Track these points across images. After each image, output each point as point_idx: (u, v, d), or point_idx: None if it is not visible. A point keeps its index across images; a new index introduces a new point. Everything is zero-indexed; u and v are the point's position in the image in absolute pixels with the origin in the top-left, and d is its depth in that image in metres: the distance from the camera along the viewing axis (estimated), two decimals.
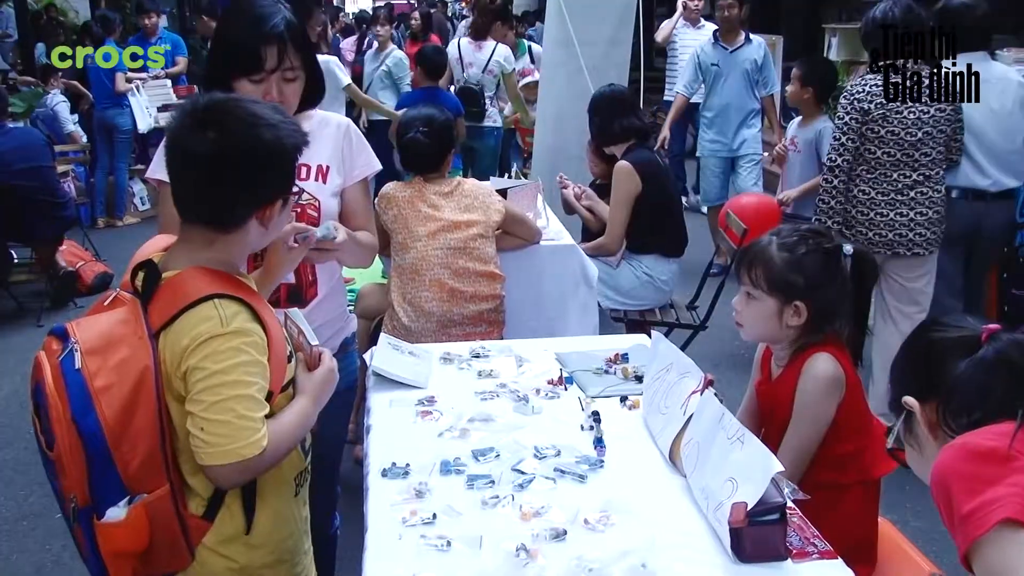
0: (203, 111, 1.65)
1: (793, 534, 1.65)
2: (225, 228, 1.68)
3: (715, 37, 6.40)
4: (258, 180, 1.67)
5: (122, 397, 1.59)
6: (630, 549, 1.59)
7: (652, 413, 2.09)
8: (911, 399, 1.43)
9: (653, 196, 4.08)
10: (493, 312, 3.32)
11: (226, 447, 1.57)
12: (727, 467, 1.66)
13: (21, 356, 5.34)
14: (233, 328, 1.60)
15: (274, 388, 1.68)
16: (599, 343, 2.75)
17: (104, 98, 8.09)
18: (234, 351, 1.59)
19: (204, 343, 1.58)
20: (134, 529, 1.61)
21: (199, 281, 1.63)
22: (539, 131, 6.06)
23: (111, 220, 8.30)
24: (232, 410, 1.58)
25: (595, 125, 4.36)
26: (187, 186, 1.68)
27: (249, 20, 2.17)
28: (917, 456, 1.47)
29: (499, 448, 1.98)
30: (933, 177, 3.70)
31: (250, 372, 1.61)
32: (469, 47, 6.79)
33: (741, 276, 2.09)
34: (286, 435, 1.69)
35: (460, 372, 2.47)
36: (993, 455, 1.22)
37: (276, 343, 1.68)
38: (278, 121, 1.68)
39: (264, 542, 1.75)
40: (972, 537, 1.19)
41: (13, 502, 3.71)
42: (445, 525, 1.70)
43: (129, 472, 1.60)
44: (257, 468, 1.63)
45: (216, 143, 1.62)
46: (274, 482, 1.75)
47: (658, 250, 4.19)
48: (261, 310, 1.67)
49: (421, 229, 3.25)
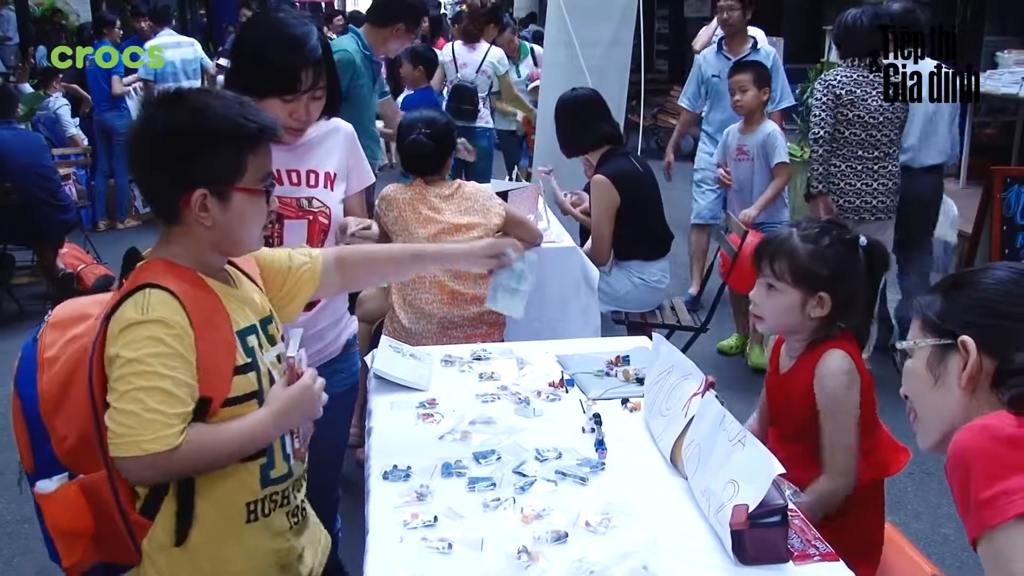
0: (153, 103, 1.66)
1: (794, 536, 1.64)
2: (166, 219, 1.65)
3: (719, 45, 5.73)
4: (170, 162, 1.60)
5: (62, 371, 1.62)
6: (631, 551, 1.59)
7: (653, 415, 2.09)
8: (972, 343, 1.33)
9: (633, 205, 4.04)
10: (493, 314, 3.31)
11: (130, 438, 1.50)
12: (728, 469, 1.66)
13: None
14: (153, 317, 1.53)
15: (211, 395, 1.59)
16: (600, 345, 2.75)
17: (102, 101, 8.09)
18: (152, 340, 1.52)
19: (124, 330, 1.54)
20: (68, 506, 1.60)
21: (149, 271, 1.62)
22: (539, 133, 6.06)
23: (112, 223, 8.32)
24: (140, 401, 1.51)
25: (564, 133, 4.22)
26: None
27: (288, 43, 2.17)
28: (926, 383, 1.40)
29: (500, 450, 1.98)
30: (891, 155, 4.44)
31: (168, 365, 1.52)
32: (463, 48, 6.82)
33: (763, 269, 2.09)
34: (220, 443, 1.59)
35: (461, 374, 2.47)
36: (1019, 442, 1.19)
37: (214, 349, 1.60)
38: (221, 108, 1.61)
39: (201, 565, 1.65)
40: (987, 525, 1.17)
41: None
42: (446, 527, 1.70)
43: (65, 448, 1.62)
44: (168, 467, 1.54)
45: (136, 127, 1.64)
46: (214, 499, 1.64)
47: (644, 254, 4.18)
48: (198, 309, 1.58)
49: (422, 231, 3.25)
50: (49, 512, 1.62)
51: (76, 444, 1.61)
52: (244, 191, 1.63)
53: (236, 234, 1.67)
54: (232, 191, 1.62)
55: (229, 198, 1.62)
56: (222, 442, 1.59)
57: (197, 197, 1.59)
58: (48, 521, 1.64)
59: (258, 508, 1.70)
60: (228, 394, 1.62)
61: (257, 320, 1.74)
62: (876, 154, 4.39)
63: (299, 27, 2.20)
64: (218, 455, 1.60)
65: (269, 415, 1.65)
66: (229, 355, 1.62)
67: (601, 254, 4.11)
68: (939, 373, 1.38)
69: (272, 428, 1.66)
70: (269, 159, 1.70)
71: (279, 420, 1.66)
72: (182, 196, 1.60)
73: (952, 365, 1.36)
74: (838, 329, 2.06)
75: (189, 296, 1.58)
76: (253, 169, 1.64)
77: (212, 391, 1.59)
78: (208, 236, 1.64)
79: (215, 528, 1.65)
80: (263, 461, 1.70)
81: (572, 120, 4.20)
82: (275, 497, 1.73)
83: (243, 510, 1.68)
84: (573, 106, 4.23)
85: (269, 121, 1.67)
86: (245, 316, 1.71)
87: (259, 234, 1.72)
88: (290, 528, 1.78)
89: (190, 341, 1.56)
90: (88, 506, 1.60)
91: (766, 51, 5.66)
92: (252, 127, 1.62)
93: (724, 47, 5.66)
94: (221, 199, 1.62)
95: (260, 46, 2.21)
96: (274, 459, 1.72)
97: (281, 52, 2.16)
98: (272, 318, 1.81)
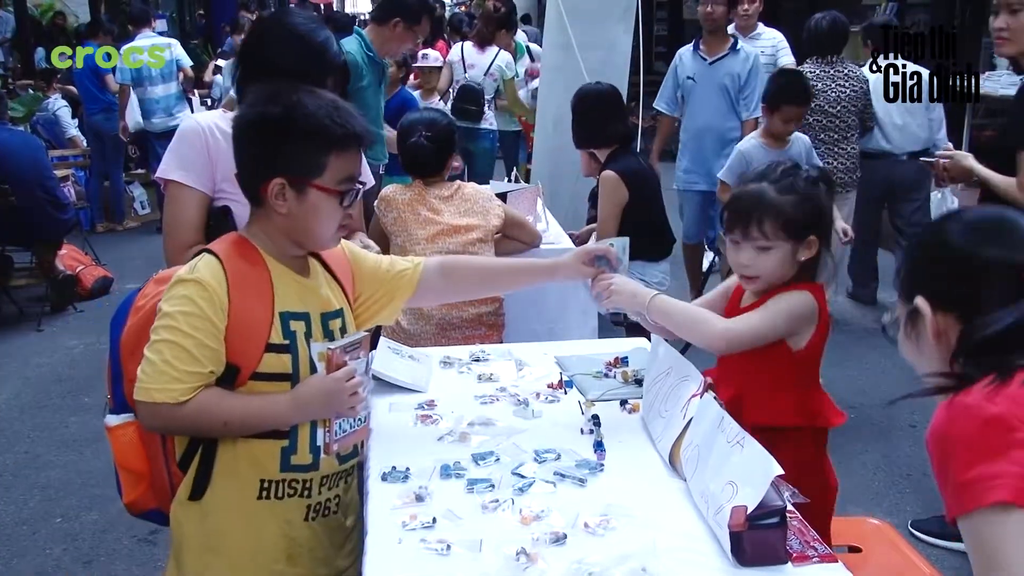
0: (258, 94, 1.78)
1: (793, 538, 1.64)
2: (251, 200, 1.78)
3: (695, 44, 5.38)
4: (257, 149, 1.73)
5: (142, 319, 1.76)
6: (630, 553, 1.59)
7: (652, 417, 2.09)
8: (924, 303, 1.35)
9: (639, 204, 4.04)
10: (492, 315, 3.32)
11: (143, 384, 1.64)
12: (727, 470, 1.66)
13: (21, 360, 5.34)
14: (196, 277, 1.67)
15: (240, 364, 1.69)
16: (599, 347, 2.74)
17: (91, 103, 8.06)
18: (186, 299, 1.65)
19: (171, 286, 1.69)
20: (128, 444, 1.79)
21: (220, 242, 1.76)
22: (539, 135, 6.07)
23: (111, 224, 8.31)
24: (160, 352, 1.64)
25: (580, 125, 4.21)
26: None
27: (311, 49, 2.21)
28: (914, 348, 1.42)
29: (499, 452, 1.98)
30: (848, 138, 5.15)
31: (193, 325, 1.64)
32: (473, 50, 6.83)
33: (749, 232, 2.05)
34: (229, 411, 1.68)
35: (460, 376, 2.47)
36: (999, 423, 1.19)
37: (248, 319, 1.69)
38: (313, 107, 1.71)
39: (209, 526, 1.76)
40: (966, 508, 1.18)
41: (13, 507, 3.71)
42: (445, 529, 1.70)
43: (131, 392, 1.71)
44: (170, 420, 1.66)
45: (239, 113, 1.79)
46: (232, 467, 1.74)
47: (647, 255, 4.18)
48: (240, 279, 1.69)
49: (421, 232, 3.25)
50: (115, 445, 1.81)
51: None
52: (320, 189, 1.73)
53: (308, 227, 1.76)
54: (309, 186, 1.72)
55: (305, 192, 1.72)
56: (231, 411, 1.69)
57: (275, 185, 1.70)
58: (115, 455, 1.82)
59: (272, 488, 1.76)
60: (257, 367, 1.70)
61: (316, 311, 1.80)
62: (836, 137, 5.10)
63: (320, 33, 2.23)
64: (222, 421, 1.69)
65: (288, 398, 1.72)
66: (263, 331, 1.70)
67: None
68: (916, 335, 1.41)
69: (289, 411, 1.72)
70: (355, 164, 1.78)
71: (298, 405, 1.72)
72: (264, 182, 1.71)
73: (922, 326, 1.38)
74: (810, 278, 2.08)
75: (236, 266, 1.70)
76: (334, 170, 1.73)
77: (241, 360, 1.69)
78: (282, 223, 1.75)
79: (226, 494, 1.75)
80: (284, 444, 1.76)
81: (591, 113, 4.17)
82: (294, 484, 1.79)
83: (256, 485, 1.76)
84: (594, 100, 4.20)
85: (360, 128, 1.76)
86: (298, 302, 1.78)
87: (333, 232, 1.79)
88: (305, 520, 1.82)
89: (222, 307, 1.66)
90: (143, 448, 1.77)
91: (747, 51, 5.36)
92: (338, 130, 1.71)
93: (701, 46, 5.34)
94: (298, 192, 1.72)
95: (282, 54, 2.22)
96: (297, 446, 1.77)
97: (306, 59, 2.18)
98: (341, 314, 1.87)
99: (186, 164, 2.23)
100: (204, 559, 1.78)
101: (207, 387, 1.67)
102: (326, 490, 1.84)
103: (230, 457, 1.74)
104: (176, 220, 2.24)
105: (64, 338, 5.71)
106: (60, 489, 3.84)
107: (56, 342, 5.65)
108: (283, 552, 1.80)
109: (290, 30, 2.25)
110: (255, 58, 2.29)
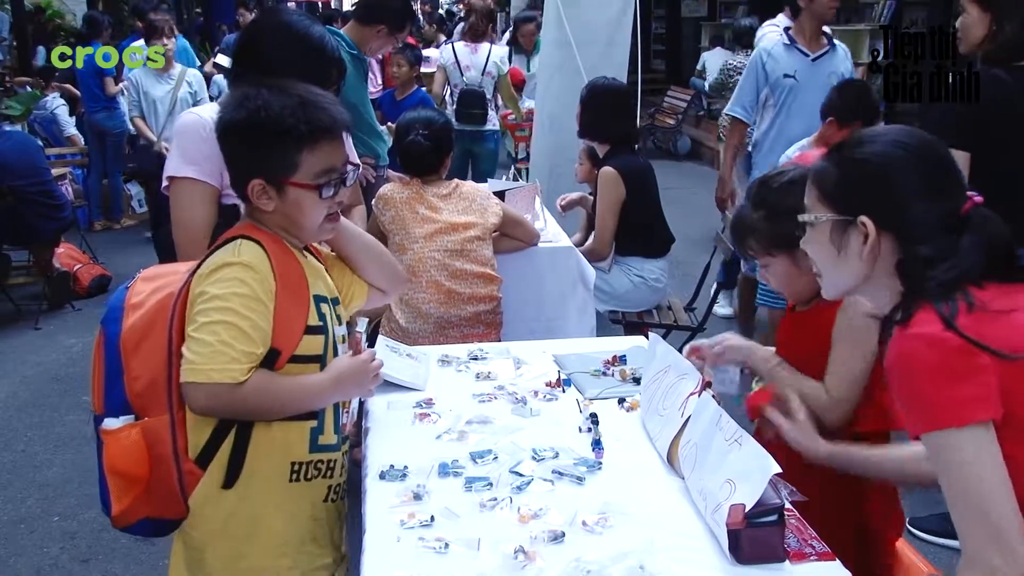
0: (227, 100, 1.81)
1: (791, 536, 1.65)
2: (244, 200, 1.80)
3: (789, 37, 4.57)
4: (232, 155, 1.78)
5: (147, 315, 1.74)
6: (628, 551, 1.59)
7: (650, 415, 2.09)
8: (872, 226, 1.42)
9: (637, 201, 4.05)
10: (490, 314, 3.32)
11: (198, 366, 1.63)
12: (725, 468, 1.66)
13: (19, 359, 5.34)
14: (244, 260, 1.68)
15: (281, 348, 1.71)
16: (597, 345, 2.75)
17: (92, 101, 8.04)
18: (237, 282, 1.66)
19: (215, 270, 1.68)
20: (129, 447, 1.70)
21: (240, 229, 1.77)
22: (536, 133, 6.06)
23: (108, 223, 8.30)
24: (216, 333, 1.63)
25: (588, 119, 4.20)
26: None
27: (308, 46, 2.23)
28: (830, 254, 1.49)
29: (497, 450, 1.98)
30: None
31: (248, 307, 1.65)
32: (465, 49, 6.74)
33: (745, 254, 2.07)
34: (282, 391, 1.71)
35: (458, 374, 2.47)
36: (963, 350, 1.30)
37: (291, 303, 1.72)
38: (278, 109, 1.71)
39: (243, 513, 1.74)
40: (942, 425, 1.30)
41: (11, 505, 3.71)
42: (443, 527, 1.70)
43: (135, 390, 1.71)
44: (229, 401, 1.65)
45: (216, 119, 1.79)
46: (266, 451, 1.74)
47: (645, 252, 4.18)
48: (282, 264, 1.72)
49: (418, 231, 3.25)
50: (110, 451, 1.72)
51: (146, 386, 1.72)
52: (297, 185, 1.74)
53: (296, 221, 1.79)
54: (286, 184, 1.74)
55: (285, 190, 1.75)
56: (283, 391, 1.71)
57: (255, 186, 1.74)
58: (107, 462, 1.73)
59: (302, 471, 1.79)
60: (296, 350, 1.73)
61: (332, 295, 1.88)
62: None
63: (316, 30, 2.25)
64: (278, 402, 1.71)
65: (329, 378, 1.77)
66: (303, 312, 1.75)
67: (603, 246, 4.11)
68: (841, 245, 1.48)
69: (330, 390, 1.78)
70: (333, 155, 1.78)
71: (337, 385, 1.79)
72: (245, 183, 1.75)
73: (853, 240, 1.46)
74: None
75: (275, 251, 1.73)
76: (308, 165, 1.74)
77: (283, 343, 1.71)
78: (273, 218, 1.78)
79: (262, 480, 1.75)
80: (314, 424, 1.80)
81: (599, 107, 4.16)
82: (319, 465, 1.82)
83: (288, 468, 1.78)
84: (605, 94, 4.21)
85: (328, 121, 1.76)
86: (321, 286, 1.84)
87: (320, 223, 1.80)
88: (326, 500, 1.86)
89: (271, 289, 1.68)
90: (147, 450, 1.71)
91: (843, 48, 4.69)
92: (304, 128, 1.72)
93: (797, 40, 4.53)
94: (278, 190, 1.75)
95: (286, 47, 2.23)
96: (324, 426, 1.82)
97: (309, 53, 2.20)
98: (339, 300, 1.93)
99: (192, 158, 2.23)
100: (238, 548, 1.76)
101: (259, 368, 1.68)
102: (344, 471, 1.90)
103: (265, 441, 1.74)
104: (188, 214, 2.24)
105: (62, 336, 5.70)
106: (58, 488, 3.84)
107: (54, 340, 5.64)
108: (309, 533, 1.83)
109: (286, 27, 2.25)
110: (251, 56, 2.29)
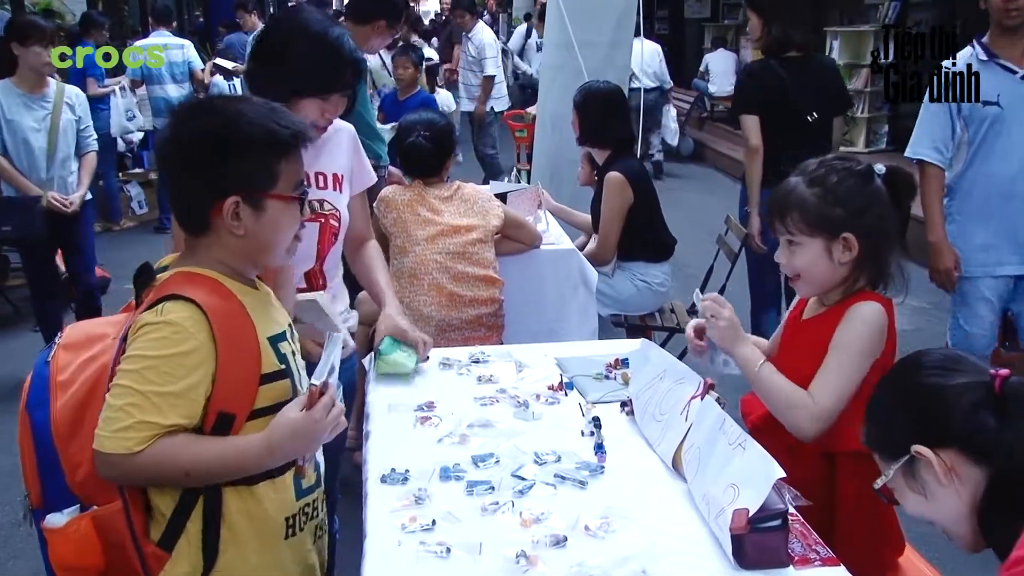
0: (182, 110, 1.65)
1: (795, 541, 1.63)
2: (194, 230, 1.62)
3: (986, 51, 3.25)
4: (203, 170, 1.57)
5: (78, 394, 1.57)
6: (631, 555, 1.58)
7: (646, 422, 2.07)
8: (925, 449, 1.36)
9: (642, 205, 4.06)
10: (492, 316, 3.31)
11: (98, 431, 1.47)
12: (728, 473, 1.65)
13: (18, 361, 5.32)
14: (165, 319, 1.49)
15: (234, 410, 1.54)
16: (599, 348, 2.74)
17: None
18: (152, 342, 1.48)
19: (136, 327, 1.51)
20: (79, 542, 1.54)
21: (170, 284, 1.56)
22: (539, 134, 6.06)
23: (107, 225, 8.28)
24: (116, 397, 1.47)
25: (586, 126, 4.20)
26: (166, 186, 1.66)
27: (332, 43, 2.21)
28: (922, 500, 1.42)
29: (499, 454, 1.97)
30: None
31: (156, 370, 1.47)
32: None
33: (778, 228, 1.97)
34: (195, 460, 1.50)
35: (459, 377, 2.46)
36: None
37: (238, 360, 1.54)
38: (253, 115, 1.59)
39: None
40: None
41: (9, 508, 3.69)
42: (444, 531, 1.69)
43: (77, 478, 1.56)
44: (128, 471, 1.47)
45: (165, 135, 1.62)
46: (248, 516, 1.58)
47: (648, 256, 4.18)
48: (221, 320, 1.52)
49: (420, 233, 3.24)
50: (56, 548, 1.56)
51: (90, 472, 1.53)
52: (278, 198, 1.61)
53: (268, 242, 1.64)
54: (266, 198, 1.60)
55: (263, 206, 1.60)
56: (198, 459, 1.50)
57: (230, 205, 1.56)
58: (53, 558, 1.57)
59: (295, 522, 1.67)
60: (254, 405, 1.57)
61: (285, 328, 1.71)
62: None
63: (333, 30, 2.25)
64: (190, 471, 1.51)
65: (264, 444, 1.54)
66: (254, 364, 1.57)
67: (607, 251, 4.10)
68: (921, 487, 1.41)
69: (265, 457, 1.55)
70: (301, 166, 1.67)
71: (274, 450, 1.55)
72: (215, 204, 1.57)
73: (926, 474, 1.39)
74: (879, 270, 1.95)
75: (212, 306, 1.52)
76: (288, 175, 1.62)
77: (235, 406, 1.54)
78: (239, 245, 1.61)
79: (252, 548, 1.59)
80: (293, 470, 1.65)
81: (592, 112, 4.17)
82: (307, 509, 1.71)
83: (282, 526, 1.64)
84: (596, 99, 4.20)
85: (301, 126, 1.65)
86: (275, 322, 1.68)
87: (289, 243, 1.68)
88: (313, 543, 1.75)
89: (206, 351, 1.50)
90: (100, 541, 1.55)
91: None
92: (285, 133, 1.60)
93: (997, 53, 3.23)
94: (255, 207, 1.59)
95: (305, 47, 2.21)
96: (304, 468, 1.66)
97: (327, 53, 2.19)
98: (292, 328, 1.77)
99: None
100: None
101: (171, 435, 1.48)
102: (323, 504, 1.79)
103: (243, 508, 1.57)
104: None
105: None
106: None
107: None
108: None
109: (304, 27, 2.25)
110: (268, 54, 2.29)
